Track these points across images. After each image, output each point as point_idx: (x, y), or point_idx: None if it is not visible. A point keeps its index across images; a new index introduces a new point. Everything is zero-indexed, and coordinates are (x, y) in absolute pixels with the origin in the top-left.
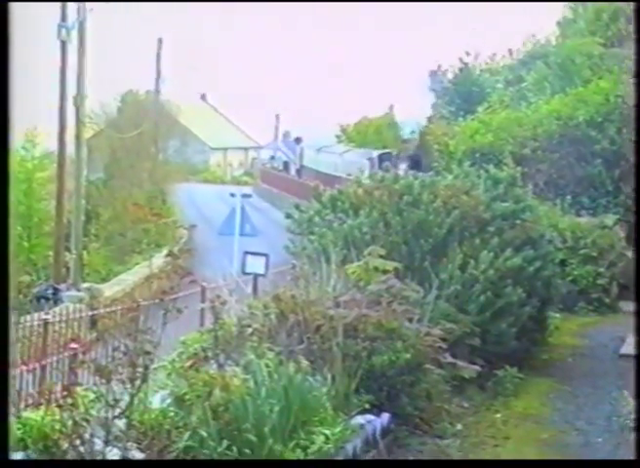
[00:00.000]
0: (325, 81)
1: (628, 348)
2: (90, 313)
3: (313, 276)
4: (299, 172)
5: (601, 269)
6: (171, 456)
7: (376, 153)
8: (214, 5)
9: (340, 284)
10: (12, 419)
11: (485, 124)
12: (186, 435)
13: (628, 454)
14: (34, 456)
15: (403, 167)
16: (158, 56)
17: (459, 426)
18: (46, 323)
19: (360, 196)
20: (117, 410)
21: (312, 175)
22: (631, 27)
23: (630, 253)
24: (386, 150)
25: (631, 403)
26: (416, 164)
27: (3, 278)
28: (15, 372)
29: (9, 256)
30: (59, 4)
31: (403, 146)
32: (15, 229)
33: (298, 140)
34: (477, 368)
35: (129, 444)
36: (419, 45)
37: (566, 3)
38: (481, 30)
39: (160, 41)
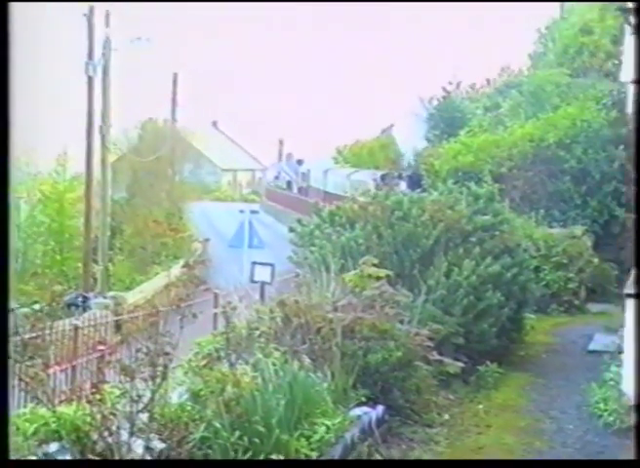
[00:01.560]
0: (322, 107)
1: (596, 345)
2: (115, 318)
3: (314, 283)
4: (300, 190)
5: (571, 274)
6: (188, 446)
7: (379, 174)
8: (220, 41)
9: (338, 290)
10: (46, 413)
11: (466, 146)
12: (202, 426)
13: (595, 438)
14: (68, 446)
15: (403, 185)
16: (174, 88)
17: (446, 416)
18: (76, 327)
19: (355, 211)
20: (140, 405)
21: (320, 195)
22: (594, 60)
23: (596, 260)
24: (388, 171)
25: (599, 393)
26: (415, 183)
27: (3, 279)
28: (49, 372)
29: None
30: (84, 42)
31: (393, 167)
32: (48, 244)
33: (299, 162)
34: (461, 364)
35: (151, 435)
36: (406, 75)
37: (537, 39)
38: (462, 62)
39: (175, 75)
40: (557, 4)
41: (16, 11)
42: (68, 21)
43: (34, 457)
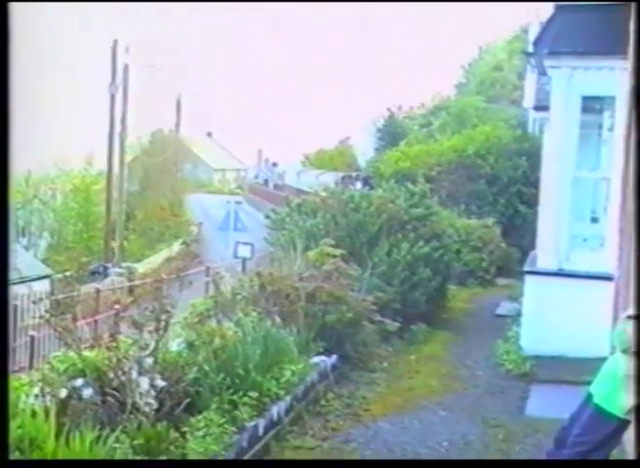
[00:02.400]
0: (294, 120)
1: (502, 310)
2: (128, 284)
3: (284, 259)
4: (276, 186)
5: (484, 256)
6: (184, 384)
7: (340, 175)
8: (213, 66)
9: (302, 264)
10: (74, 356)
11: (405, 154)
12: (195, 369)
13: (499, 381)
14: (90, 382)
15: (359, 185)
16: (178, 106)
17: (385, 364)
18: (98, 290)
19: (317, 203)
20: (147, 352)
21: (294, 191)
22: (504, 91)
23: (504, 245)
24: (346, 173)
25: (503, 347)
26: (367, 183)
27: (2, 274)
28: (77, 324)
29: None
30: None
31: (349, 169)
32: (77, 225)
33: (274, 164)
34: (398, 324)
35: (155, 375)
36: (359, 97)
37: (461, 73)
38: (404, 89)
39: (179, 96)
40: (476, 47)
41: (16, 11)
42: (69, 21)
43: (65, 390)
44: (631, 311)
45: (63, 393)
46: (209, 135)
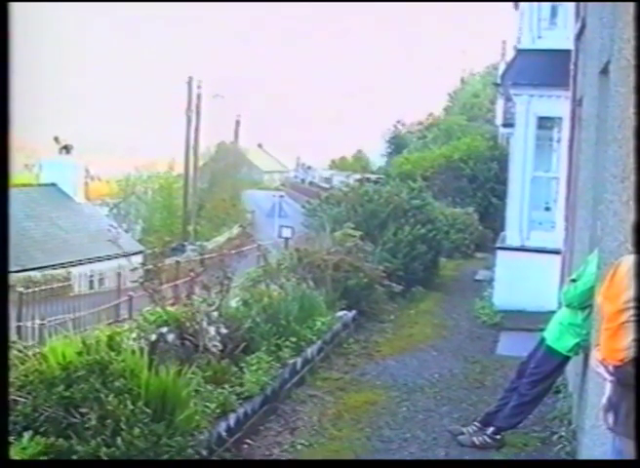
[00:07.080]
0: (324, 134)
1: (479, 276)
2: (200, 257)
3: (316, 238)
4: (310, 184)
5: (466, 236)
6: (241, 332)
7: (357, 176)
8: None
9: (330, 242)
10: (160, 311)
11: (407, 159)
12: (249, 320)
13: (477, 329)
14: (172, 329)
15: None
16: (237, 124)
17: (392, 317)
18: (177, 262)
19: (341, 196)
20: (213, 307)
21: (323, 188)
22: (480, 112)
23: (481, 228)
24: (363, 175)
25: (479, 304)
26: (378, 182)
27: (2, 271)
28: (162, 287)
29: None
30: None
31: (364, 171)
32: (163, 214)
33: (309, 167)
34: (401, 287)
35: (220, 324)
36: (374, 116)
37: (448, 99)
38: (405, 110)
39: (238, 117)
40: (459, 79)
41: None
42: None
43: (154, 335)
44: (574, 276)
45: (153, 337)
46: (259, 145)
